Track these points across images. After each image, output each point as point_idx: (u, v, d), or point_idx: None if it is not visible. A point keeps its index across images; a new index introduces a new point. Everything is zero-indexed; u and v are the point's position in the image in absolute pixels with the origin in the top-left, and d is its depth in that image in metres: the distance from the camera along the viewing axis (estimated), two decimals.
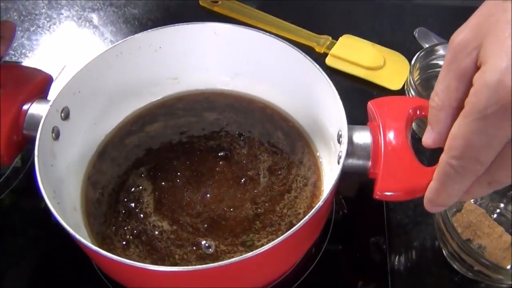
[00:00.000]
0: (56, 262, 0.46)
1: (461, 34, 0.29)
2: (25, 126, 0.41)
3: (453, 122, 0.30)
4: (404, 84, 0.58)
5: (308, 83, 0.45)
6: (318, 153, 0.48)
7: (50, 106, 0.40)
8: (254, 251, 0.31)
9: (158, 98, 0.52)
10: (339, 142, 0.41)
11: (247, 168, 0.46)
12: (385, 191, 0.37)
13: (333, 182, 0.36)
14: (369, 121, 0.41)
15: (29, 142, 0.42)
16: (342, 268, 0.46)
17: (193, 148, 0.48)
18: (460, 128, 0.28)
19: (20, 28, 0.67)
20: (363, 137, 0.39)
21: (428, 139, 0.33)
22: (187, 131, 0.50)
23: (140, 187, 0.45)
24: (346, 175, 0.37)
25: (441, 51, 0.55)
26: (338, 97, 0.40)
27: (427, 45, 0.62)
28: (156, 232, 0.42)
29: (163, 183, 0.45)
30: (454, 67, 0.30)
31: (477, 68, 0.28)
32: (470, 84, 0.29)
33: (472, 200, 0.47)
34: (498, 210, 0.47)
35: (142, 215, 0.43)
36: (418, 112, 0.40)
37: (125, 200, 0.44)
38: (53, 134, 0.41)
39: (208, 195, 0.44)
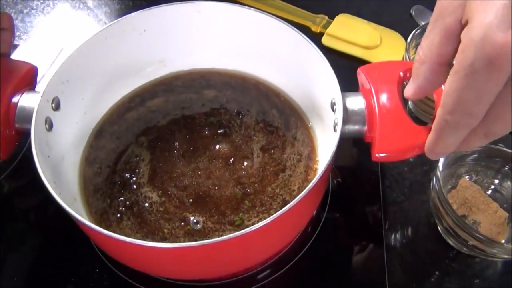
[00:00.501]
0: (56, 245, 0.46)
1: None
2: (17, 119, 0.41)
3: (433, 77, 0.32)
4: None
5: (297, 54, 0.45)
6: (310, 124, 0.48)
7: (41, 97, 0.40)
8: (252, 227, 0.32)
9: (149, 80, 0.52)
10: (332, 110, 0.41)
11: (241, 148, 0.47)
12: (383, 152, 0.38)
13: (333, 149, 0.36)
14: (360, 87, 0.42)
15: (22, 135, 0.42)
16: (339, 247, 0.46)
17: (194, 123, 0.49)
18: (451, 84, 0.29)
19: (13, 10, 0.67)
20: (356, 102, 0.40)
21: (409, 91, 0.34)
22: (188, 107, 0.50)
23: (138, 158, 0.46)
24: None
25: None
26: (328, 64, 0.41)
27: (423, 23, 0.62)
28: (146, 204, 0.43)
29: (160, 154, 0.46)
30: (439, 24, 0.30)
31: (461, 25, 0.29)
32: (453, 41, 0.30)
33: (467, 177, 0.47)
34: (492, 187, 0.48)
35: (135, 186, 0.44)
36: (408, 74, 0.40)
37: (122, 170, 0.45)
38: (46, 125, 0.41)
39: (198, 171, 0.45)
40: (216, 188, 0.44)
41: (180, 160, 0.46)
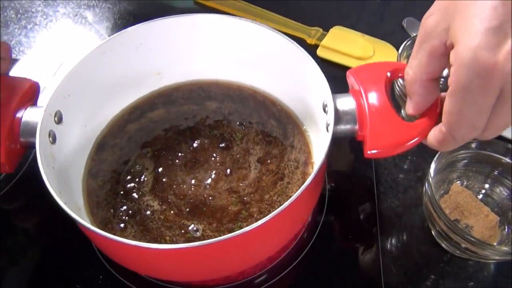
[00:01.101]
0: (60, 252, 0.47)
1: (431, 17, 0.33)
2: (21, 133, 0.42)
3: (426, 92, 0.36)
4: None
5: (289, 61, 0.47)
6: (304, 127, 0.50)
7: (44, 111, 0.41)
8: (248, 226, 0.33)
9: (148, 92, 0.53)
10: (325, 111, 0.43)
11: (241, 161, 0.48)
12: (374, 149, 0.39)
13: (326, 148, 0.38)
14: (350, 89, 0.44)
15: (26, 148, 0.44)
16: (336, 251, 0.48)
17: (199, 134, 0.50)
18: (452, 105, 0.32)
19: (17, 26, 0.68)
20: (347, 103, 0.42)
21: (410, 109, 0.38)
22: (192, 118, 0.52)
23: (141, 167, 0.47)
24: (332, 161, 0.39)
25: None
26: (318, 68, 0.43)
27: (414, 34, 0.64)
28: (148, 212, 0.44)
29: (164, 162, 0.48)
30: (424, 46, 0.34)
31: (445, 46, 0.32)
32: (439, 60, 0.33)
33: (458, 182, 0.49)
34: (483, 191, 0.49)
35: (137, 195, 0.45)
36: (395, 74, 0.42)
37: (125, 180, 0.46)
38: (50, 138, 0.42)
39: (197, 181, 0.46)
40: (214, 199, 0.45)
41: (182, 169, 0.47)
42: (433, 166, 0.45)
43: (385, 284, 0.45)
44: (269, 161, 0.48)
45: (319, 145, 0.47)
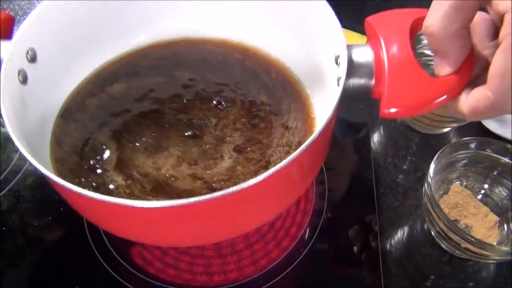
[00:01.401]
0: (60, 253, 0.47)
1: None
2: None
3: (462, 44, 0.30)
4: None
5: (296, 9, 0.42)
6: (308, 91, 0.44)
7: (14, 46, 0.37)
8: (246, 182, 0.29)
9: (120, 53, 0.48)
10: (337, 63, 0.37)
11: (212, 151, 0.41)
12: (392, 107, 0.34)
13: (335, 103, 0.33)
14: (368, 39, 0.38)
15: None
16: (335, 251, 0.48)
17: (163, 119, 0.43)
18: (506, 63, 0.26)
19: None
20: (363, 54, 0.36)
21: (443, 70, 0.32)
22: (155, 97, 0.44)
23: (102, 146, 0.42)
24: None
25: (426, 40, 0.56)
26: (331, 10, 0.38)
27: None
28: (112, 186, 0.39)
29: (125, 145, 0.42)
30: None
31: None
32: (469, 8, 0.28)
33: (458, 182, 0.49)
34: (483, 191, 0.49)
35: (101, 171, 0.41)
36: (422, 22, 0.34)
37: (89, 156, 0.42)
38: (20, 77, 0.38)
39: (159, 166, 0.41)
40: (176, 180, 0.40)
41: (142, 152, 0.42)
42: (432, 166, 0.45)
43: (385, 285, 0.45)
44: (249, 148, 0.41)
45: (324, 105, 0.41)
